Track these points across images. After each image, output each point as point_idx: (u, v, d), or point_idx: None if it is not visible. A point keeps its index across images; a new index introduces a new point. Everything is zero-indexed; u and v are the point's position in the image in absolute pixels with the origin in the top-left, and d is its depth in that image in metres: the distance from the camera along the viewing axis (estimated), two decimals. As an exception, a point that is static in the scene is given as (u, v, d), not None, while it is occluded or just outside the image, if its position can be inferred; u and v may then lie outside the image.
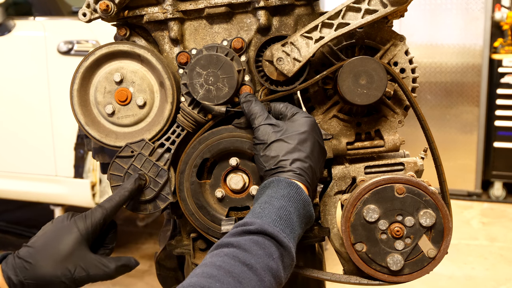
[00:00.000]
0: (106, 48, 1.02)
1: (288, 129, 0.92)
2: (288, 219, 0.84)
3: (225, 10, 1.02)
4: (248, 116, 0.97)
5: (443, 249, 0.96)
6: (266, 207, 0.84)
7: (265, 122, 0.94)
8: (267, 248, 0.78)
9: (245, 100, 0.98)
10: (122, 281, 3.48)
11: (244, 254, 0.76)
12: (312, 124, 0.94)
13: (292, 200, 0.86)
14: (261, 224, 0.80)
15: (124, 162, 1.02)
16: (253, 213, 0.84)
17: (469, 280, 3.38)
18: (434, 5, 4.93)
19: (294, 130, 0.92)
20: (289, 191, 0.86)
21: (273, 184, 0.88)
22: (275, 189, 0.87)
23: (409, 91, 1.01)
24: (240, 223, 0.82)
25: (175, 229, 1.25)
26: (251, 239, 0.78)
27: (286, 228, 0.83)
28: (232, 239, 0.79)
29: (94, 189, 3.07)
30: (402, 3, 0.94)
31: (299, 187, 0.88)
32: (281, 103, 0.99)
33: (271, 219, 0.82)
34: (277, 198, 0.85)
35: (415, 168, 1.04)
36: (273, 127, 0.93)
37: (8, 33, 3.16)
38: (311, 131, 0.93)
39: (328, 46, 1.02)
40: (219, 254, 0.76)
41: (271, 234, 0.80)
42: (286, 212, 0.84)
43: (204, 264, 0.75)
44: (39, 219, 4.48)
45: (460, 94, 4.96)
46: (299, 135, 0.92)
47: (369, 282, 1.00)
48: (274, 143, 0.91)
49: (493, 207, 4.83)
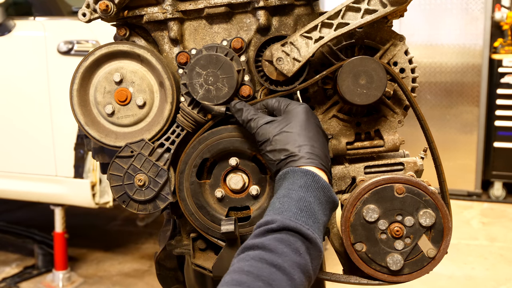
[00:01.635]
0: (106, 48, 1.02)
1: (286, 120, 0.93)
2: (309, 209, 0.83)
3: (224, 10, 1.02)
4: (245, 124, 0.97)
5: (443, 249, 0.96)
6: (285, 201, 0.83)
7: (261, 122, 0.94)
8: (293, 244, 0.77)
9: (235, 110, 0.98)
10: (122, 281, 3.48)
11: (270, 255, 0.75)
12: (308, 111, 0.95)
13: (311, 189, 0.85)
14: (282, 221, 0.79)
15: (123, 162, 1.02)
16: (273, 209, 0.83)
17: (469, 280, 3.38)
18: (434, 5, 4.93)
19: (293, 120, 0.92)
20: (306, 180, 0.85)
21: (289, 175, 0.87)
22: (291, 179, 0.86)
23: (409, 91, 1.01)
24: (262, 222, 0.81)
25: (175, 229, 1.25)
26: (275, 238, 0.77)
27: (309, 220, 0.81)
28: (256, 241, 0.78)
29: (94, 189, 3.06)
30: (401, 3, 0.94)
31: (315, 174, 0.87)
32: (273, 99, 0.99)
33: (292, 213, 0.81)
34: (295, 189, 0.84)
35: (415, 168, 1.04)
36: (271, 123, 0.93)
37: (8, 33, 3.16)
38: (309, 117, 0.94)
39: (328, 46, 1.02)
40: (246, 258, 0.75)
41: (294, 229, 0.79)
42: (306, 203, 0.83)
43: (233, 271, 0.74)
44: (39, 219, 4.48)
45: (460, 94, 4.96)
46: (299, 122, 0.92)
47: (368, 282, 1.00)
48: (277, 136, 0.91)
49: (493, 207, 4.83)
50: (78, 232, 4.12)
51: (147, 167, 1.02)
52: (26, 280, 3.50)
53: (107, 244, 4.10)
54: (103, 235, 4.36)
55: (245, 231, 1.02)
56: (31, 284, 3.47)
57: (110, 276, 3.57)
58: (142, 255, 3.88)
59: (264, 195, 1.03)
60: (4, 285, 3.41)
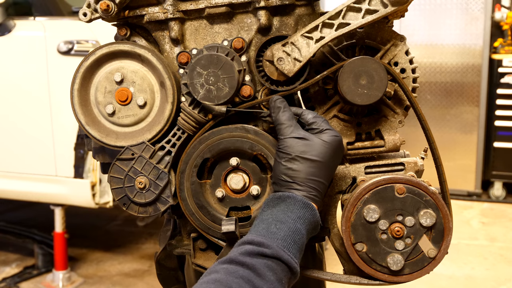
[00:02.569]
0: (107, 48, 1.02)
1: (313, 147, 0.92)
2: (301, 242, 0.88)
3: (225, 10, 1.02)
4: (276, 124, 0.96)
5: (443, 249, 0.96)
6: (282, 227, 0.87)
7: (292, 135, 0.93)
8: (279, 273, 0.83)
9: (273, 106, 0.98)
10: (122, 281, 3.48)
11: (258, 280, 0.79)
12: (338, 145, 0.95)
13: (307, 223, 0.90)
14: (277, 250, 0.83)
15: (124, 165, 1.02)
16: (268, 231, 0.87)
17: (469, 280, 3.38)
18: (434, 5, 4.93)
19: (320, 150, 0.92)
20: (305, 213, 0.89)
21: (290, 200, 0.90)
22: (291, 207, 0.89)
23: (410, 91, 1.01)
24: (256, 242, 0.84)
25: (175, 229, 1.25)
26: (266, 264, 0.82)
27: (298, 253, 0.87)
28: (248, 260, 0.82)
29: (94, 189, 3.06)
30: (402, 3, 0.94)
31: (314, 209, 0.91)
32: (311, 113, 0.98)
33: (286, 243, 0.85)
34: (293, 219, 0.88)
35: (415, 168, 1.04)
36: (300, 140, 0.93)
37: (8, 33, 3.16)
38: (336, 153, 0.95)
39: (329, 46, 1.02)
40: (234, 275, 0.79)
41: (285, 261, 0.84)
42: (300, 236, 0.88)
43: (219, 281, 0.78)
44: (39, 219, 4.48)
45: (460, 94, 4.96)
46: (323, 155, 0.92)
47: (369, 282, 1.00)
48: (298, 158, 0.92)
49: (493, 207, 4.83)
50: (78, 232, 4.13)
51: (147, 169, 1.02)
52: (26, 280, 3.50)
53: (107, 244, 4.10)
54: (103, 235, 4.36)
55: (246, 231, 1.02)
56: (31, 284, 3.47)
57: (110, 276, 3.57)
58: (142, 255, 3.88)
59: (264, 195, 1.03)
60: (4, 285, 3.41)
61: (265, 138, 1.01)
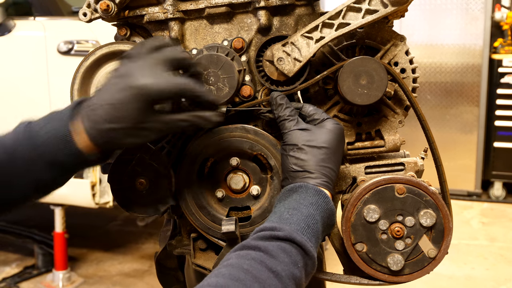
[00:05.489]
0: (107, 48, 1.02)
1: (318, 135, 0.93)
2: (315, 228, 0.85)
3: (225, 10, 1.02)
4: (278, 120, 0.97)
5: (443, 249, 0.96)
6: (295, 213, 0.85)
7: (296, 127, 0.94)
8: (294, 256, 0.79)
9: (275, 103, 0.98)
10: (122, 281, 3.48)
11: (271, 260, 0.76)
12: (341, 132, 0.96)
13: (320, 209, 0.87)
14: (290, 231, 0.81)
15: (124, 165, 1.02)
16: (280, 217, 0.85)
17: (469, 280, 3.38)
18: (434, 5, 4.93)
19: (325, 137, 0.93)
20: (317, 200, 0.88)
21: (301, 190, 0.89)
22: (303, 195, 0.88)
23: (410, 91, 1.01)
24: (267, 227, 0.82)
25: (175, 229, 1.25)
26: (279, 246, 0.79)
27: (313, 237, 0.84)
28: (260, 243, 0.79)
29: (94, 189, 3.06)
30: (402, 3, 0.94)
31: (326, 196, 0.90)
32: (311, 106, 0.99)
33: (299, 227, 0.83)
34: (306, 205, 0.86)
35: (415, 168, 1.04)
36: (304, 131, 0.94)
37: (8, 33, 3.16)
38: (340, 140, 0.95)
39: (329, 46, 1.02)
40: (246, 257, 0.76)
41: (299, 242, 0.80)
42: (314, 221, 0.85)
43: (231, 265, 0.75)
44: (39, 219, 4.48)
45: (460, 94, 4.96)
46: (330, 142, 0.93)
47: (369, 282, 1.00)
48: (305, 147, 0.92)
49: (493, 207, 4.84)
50: (78, 232, 4.12)
51: (148, 169, 1.02)
52: (26, 280, 3.50)
53: (107, 244, 4.10)
54: (103, 235, 4.36)
55: (246, 231, 1.02)
56: (31, 284, 3.47)
57: (110, 276, 3.57)
58: (142, 255, 3.88)
59: (264, 195, 1.03)
60: (4, 285, 3.41)
61: (265, 138, 1.01)
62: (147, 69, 0.83)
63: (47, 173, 0.84)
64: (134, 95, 0.81)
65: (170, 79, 0.83)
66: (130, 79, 0.82)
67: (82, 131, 0.83)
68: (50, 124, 0.84)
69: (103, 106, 0.81)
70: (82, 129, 0.83)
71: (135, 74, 0.82)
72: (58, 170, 0.85)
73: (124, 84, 0.82)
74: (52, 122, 0.85)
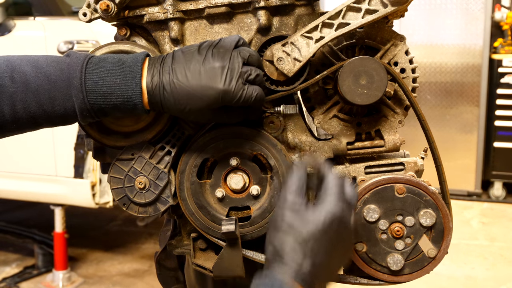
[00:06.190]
0: (107, 48, 1.02)
1: (304, 223, 0.82)
2: None
3: (225, 10, 1.02)
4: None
5: (443, 249, 0.96)
6: None
7: (287, 206, 0.85)
8: None
9: (286, 165, 0.97)
10: (122, 281, 3.48)
11: None
12: (332, 223, 0.82)
13: None
14: None
15: (124, 165, 1.02)
16: None
17: (469, 280, 3.38)
18: (434, 5, 4.93)
19: (309, 228, 0.82)
20: None
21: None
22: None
23: (410, 91, 1.01)
24: None
25: (175, 229, 1.25)
26: None
27: None
28: None
29: (94, 189, 3.07)
30: (402, 3, 0.94)
31: None
32: (334, 179, 0.87)
33: None
34: None
35: (415, 168, 1.04)
36: (293, 214, 0.83)
37: (8, 33, 3.16)
38: (330, 231, 0.82)
39: (329, 46, 1.02)
40: None
41: None
42: None
43: None
44: (39, 219, 4.48)
45: (460, 94, 4.97)
46: (313, 234, 0.81)
47: (369, 282, 1.00)
48: (285, 225, 0.83)
49: (493, 207, 4.84)
50: (78, 232, 4.13)
51: (147, 170, 1.02)
52: (26, 280, 3.50)
53: (107, 244, 4.10)
54: (103, 235, 4.36)
55: (246, 231, 1.02)
56: (31, 284, 3.47)
57: (110, 276, 3.57)
58: (142, 255, 3.88)
59: (264, 195, 1.03)
60: (4, 285, 3.41)
61: (265, 138, 1.01)
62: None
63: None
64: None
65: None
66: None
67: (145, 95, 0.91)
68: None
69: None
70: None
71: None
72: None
73: None
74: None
